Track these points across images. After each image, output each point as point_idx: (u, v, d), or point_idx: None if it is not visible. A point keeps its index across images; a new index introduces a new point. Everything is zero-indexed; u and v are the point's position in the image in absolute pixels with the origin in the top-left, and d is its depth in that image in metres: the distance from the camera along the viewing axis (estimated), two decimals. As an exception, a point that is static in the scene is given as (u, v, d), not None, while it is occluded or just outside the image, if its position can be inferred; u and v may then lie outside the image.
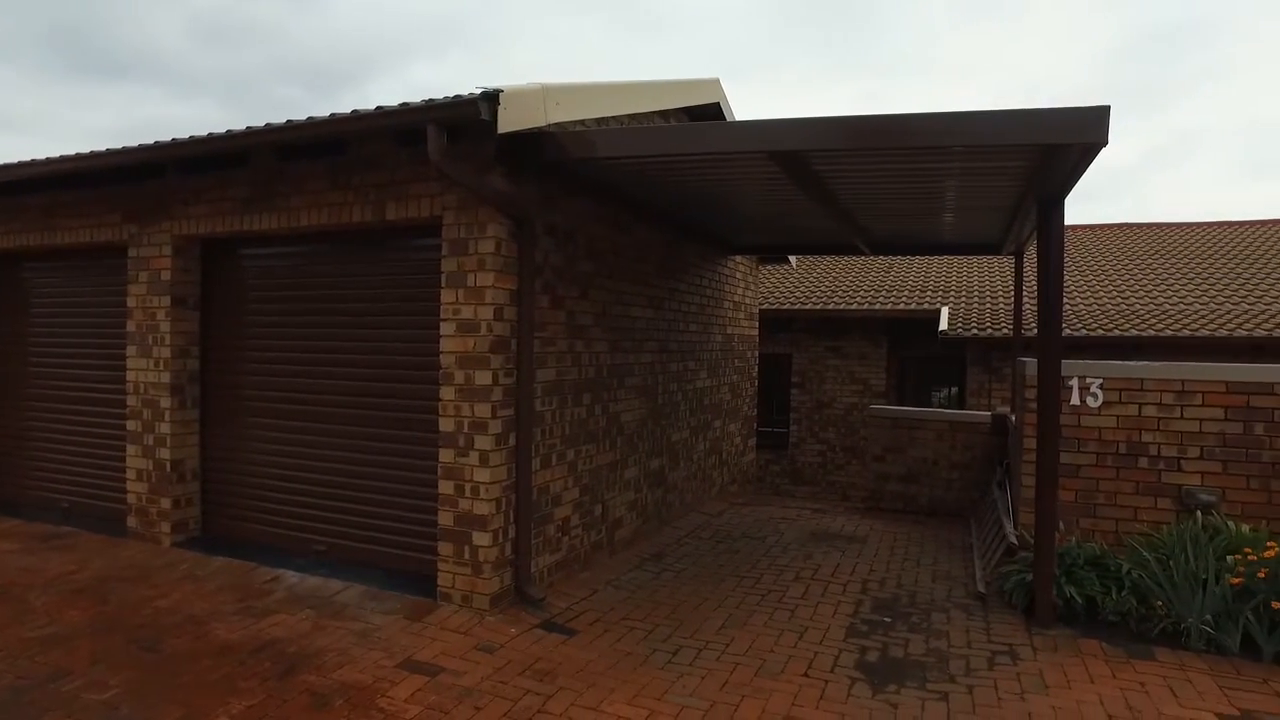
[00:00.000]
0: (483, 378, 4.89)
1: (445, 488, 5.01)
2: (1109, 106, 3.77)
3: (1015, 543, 5.70)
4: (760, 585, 5.84)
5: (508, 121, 4.49)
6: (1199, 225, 17.28)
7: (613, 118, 5.93)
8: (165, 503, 6.20)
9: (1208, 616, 4.59)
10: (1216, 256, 15.03)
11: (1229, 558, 4.76)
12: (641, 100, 6.17)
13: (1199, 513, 5.26)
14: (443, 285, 5.00)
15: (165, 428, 6.19)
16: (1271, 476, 5.27)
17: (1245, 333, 10.85)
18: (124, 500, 6.44)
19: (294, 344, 5.98)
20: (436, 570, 5.06)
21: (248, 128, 5.07)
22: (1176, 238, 16.59)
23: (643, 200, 6.51)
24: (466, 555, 4.94)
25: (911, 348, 13.35)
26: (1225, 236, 16.26)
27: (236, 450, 6.27)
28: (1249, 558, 4.68)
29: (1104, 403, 5.68)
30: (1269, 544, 4.71)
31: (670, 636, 4.78)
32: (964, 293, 13.72)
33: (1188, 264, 14.76)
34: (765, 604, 5.42)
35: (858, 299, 13.53)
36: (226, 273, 6.32)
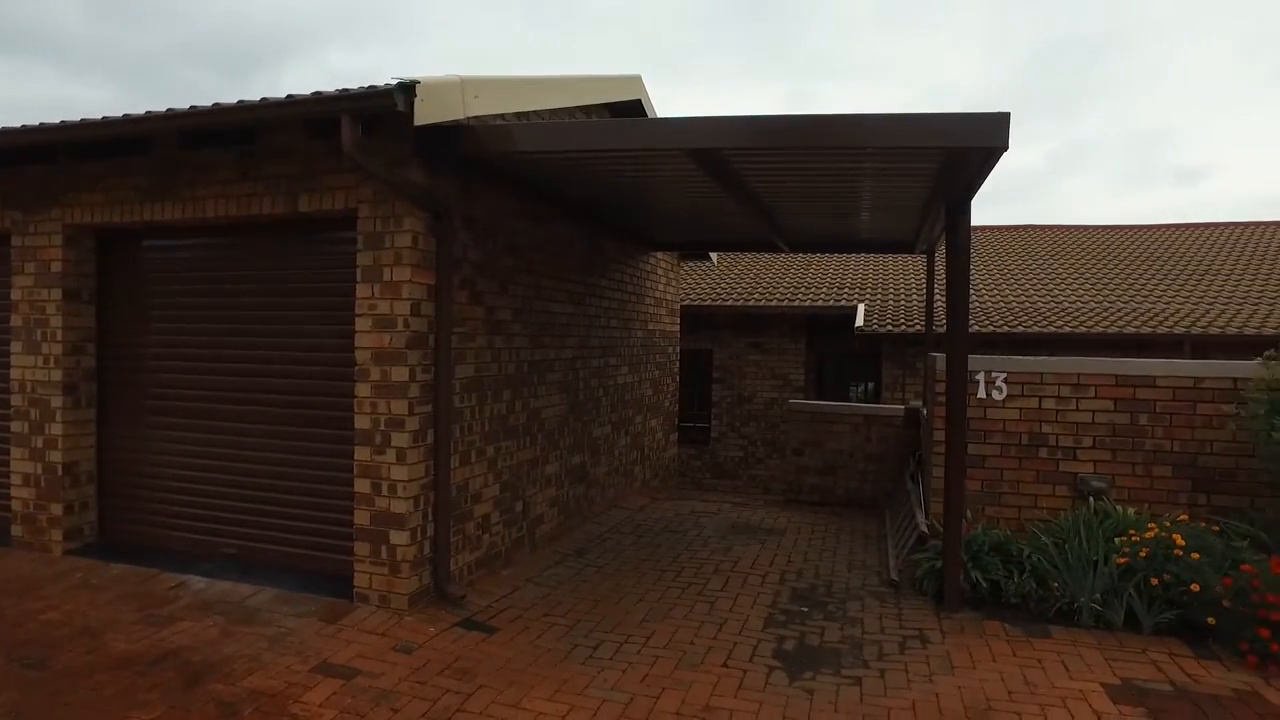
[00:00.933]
0: (399, 374, 4.80)
1: (361, 486, 4.90)
2: (1009, 113, 3.95)
3: (926, 531, 5.93)
4: (681, 578, 5.91)
5: (425, 114, 4.41)
6: (1094, 228, 18.27)
7: (533, 112, 5.89)
8: (56, 508, 5.86)
9: (1097, 595, 4.87)
10: (1108, 258, 15.92)
11: (1116, 540, 5.06)
12: (563, 95, 6.15)
13: (1091, 498, 5.57)
14: (358, 280, 4.88)
15: (56, 429, 5.86)
16: (1153, 463, 5.62)
17: (1133, 330, 11.55)
18: (8, 507, 6.06)
19: (202, 339, 5.74)
20: (353, 571, 4.94)
21: (148, 112, 4.84)
22: (1074, 240, 17.50)
23: (564, 196, 6.49)
24: (384, 554, 4.84)
25: (830, 344, 13.71)
26: (1116, 240, 17.24)
27: (139, 451, 5.98)
28: (1133, 539, 4.98)
29: (1008, 396, 5.95)
30: (1150, 525, 5.03)
31: (592, 631, 4.79)
32: (880, 290, 14.16)
33: (1084, 264, 15.59)
34: (686, 597, 5.49)
35: (777, 296, 13.81)
36: (127, 265, 6.02)
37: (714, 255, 11.65)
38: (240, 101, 4.57)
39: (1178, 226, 17.84)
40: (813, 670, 4.32)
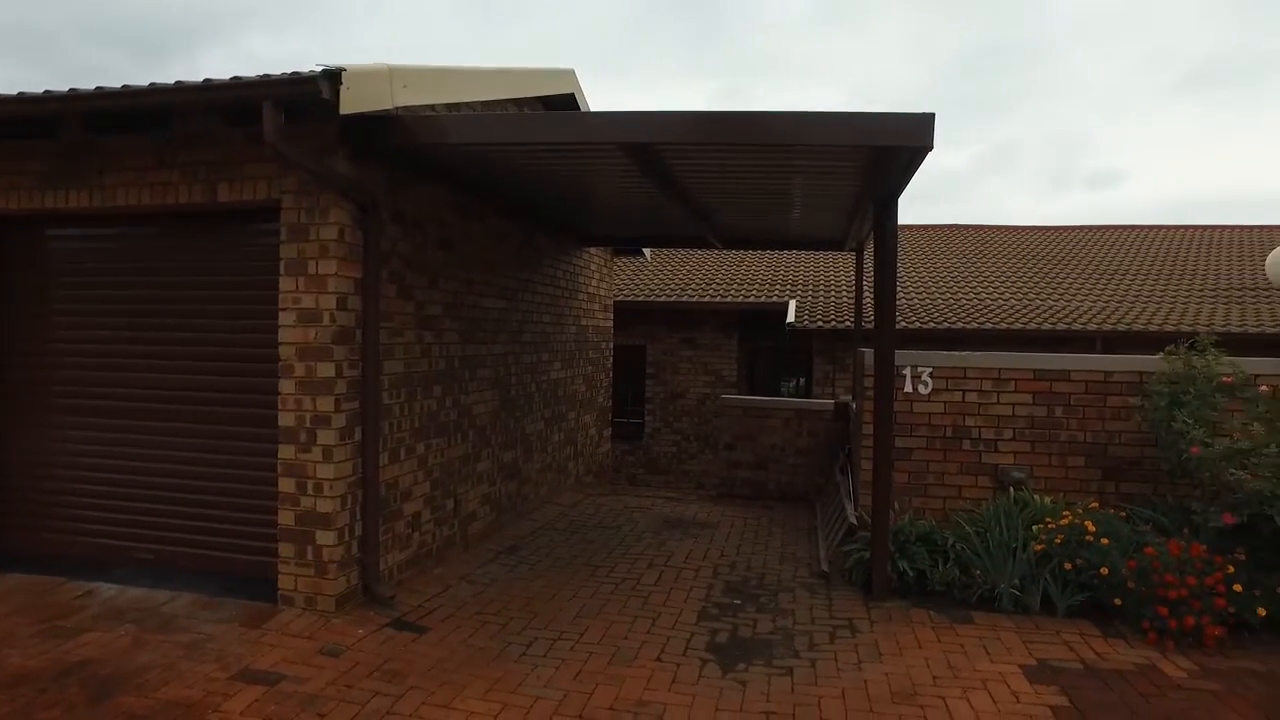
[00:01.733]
0: (325, 370, 4.66)
1: (286, 485, 4.75)
2: (934, 114, 4.06)
3: (855, 523, 6.06)
4: (615, 574, 5.91)
5: (352, 102, 4.29)
6: (1015, 229, 18.97)
7: (464, 104, 5.79)
8: (-46, 513, 5.52)
9: (1016, 581, 5.06)
10: (1028, 258, 16.55)
11: (1034, 527, 5.26)
12: (495, 88, 6.07)
13: (1011, 488, 5.78)
14: (282, 273, 4.72)
15: (-47, 429, 5.51)
16: (1068, 453, 5.86)
17: (1050, 326, 12.04)
18: (-98, 512, 5.67)
19: (114, 335, 5.46)
20: (277, 573, 4.79)
21: (48, 92, 4.58)
22: (997, 239, 18.13)
23: (495, 189, 6.41)
24: (309, 555, 4.70)
25: (762, 339, 13.90)
26: (1035, 240, 17.93)
27: (43, 454, 5.65)
28: (1049, 526, 5.19)
29: (933, 390, 6.13)
30: (1065, 513, 5.25)
31: (525, 629, 4.75)
32: (811, 287, 14.41)
33: (1005, 264, 16.17)
34: (619, 592, 5.49)
35: (710, 292, 13.93)
36: (29, 256, 5.68)
37: (647, 251, 11.69)
38: (153, 84, 4.37)
39: (1091, 228, 18.67)
40: (745, 662, 4.36)
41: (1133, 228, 18.61)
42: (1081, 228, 18.72)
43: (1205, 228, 18.41)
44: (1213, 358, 5.38)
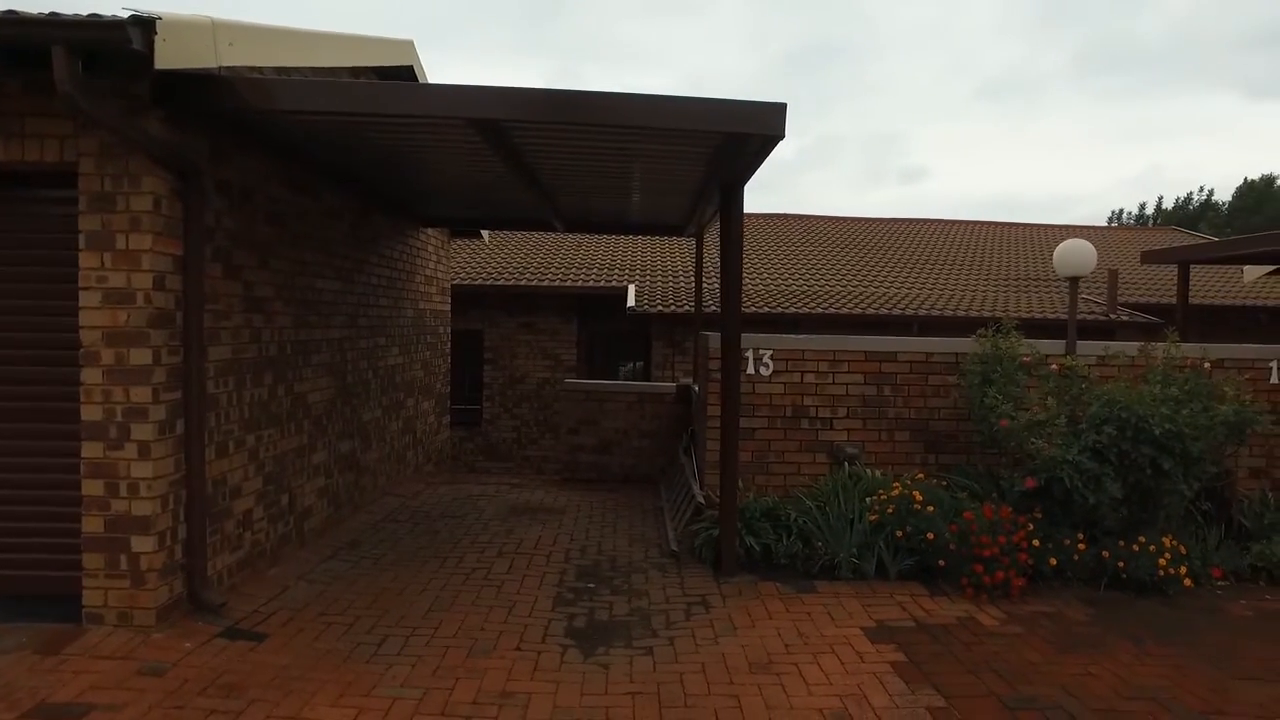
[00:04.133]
0: (140, 356, 4.17)
1: (92, 488, 4.21)
2: (786, 104, 4.21)
3: (703, 502, 6.22)
4: (464, 564, 5.74)
5: (169, 57, 3.84)
6: (839, 219, 20.19)
7: (295, 69, 5.35)
8: None
9: (854, 550, 5.39)
10: (852, 246, 17.67)
11: (868, 499, 5.63)
12: (329, 54, 5.65)
13: (846, 464, 6.14)
14: (82, 247, 4.16)
15: None
16: (895, 429, 6.32)
17: (874, 311, 12.94)
18: None
19: None
20: (82, 588, 4.25)
21: None
22: (823, 229, 19.21)
23: (331, 163, 5.99)
24: (124, 564, 4.21)
25: (600, 324, 13.97)
26: (858, 230, 19.17)
27: None
28: (881, 498, 5.57)
29: (774, 371, 6.39)
30: (894, 485, 5.65)
31: (374, 627, 4.51)
32: (650, 272, 14.63)
33: (831, 252, 17.17)
34: (471, 583, 5.34)
35: (549, 276, 13.82)
36: None
37: (486, 233, 11.41)
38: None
39: (905, 221, 20.21)
40: (605, 645, 4.37)
41: (940, 221, 20.34)
42: (897, 220, 20.24)
43: (1000, 224, 20.52)
44: (1015, 340, 5.96)
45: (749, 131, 4.33)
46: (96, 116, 3.86)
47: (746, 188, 5.45)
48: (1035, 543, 5.17)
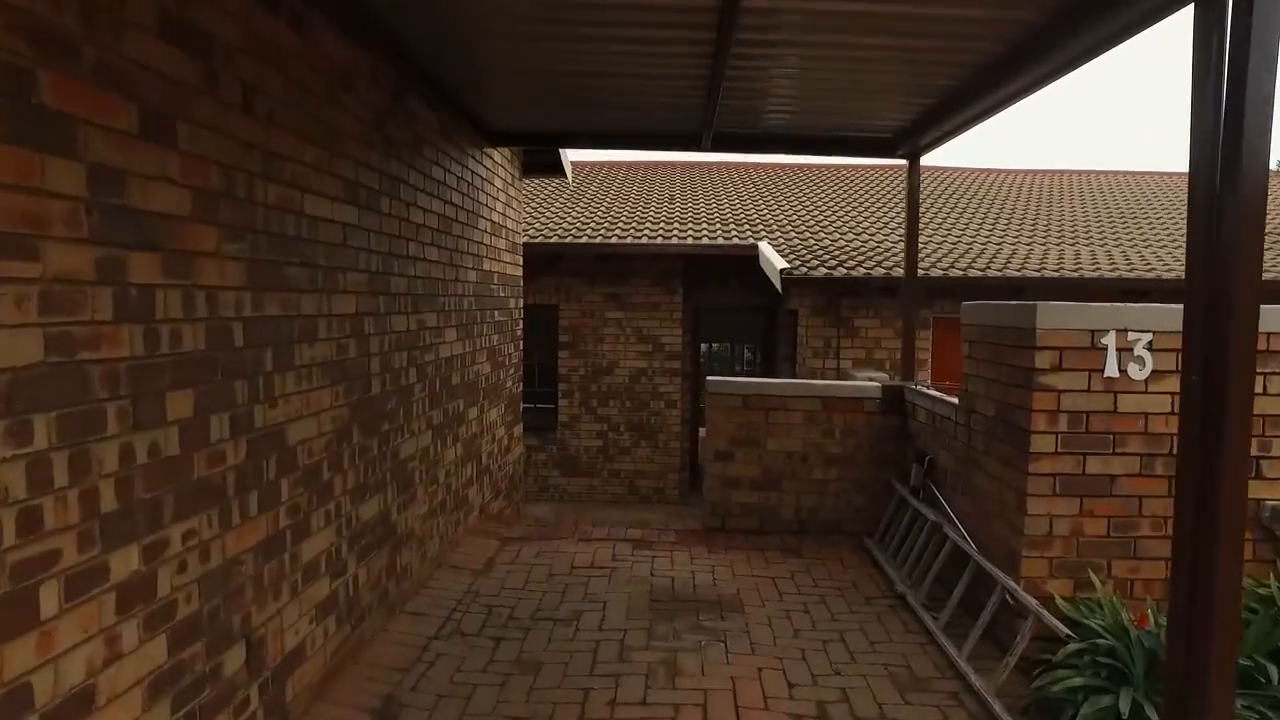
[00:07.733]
0: None
1: None
2: None
3: (1068, 633, 3.07)
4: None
5: None
6: (1010, 171, 16.57)
7: None
8: None
9: None
10: (1041, 201, 14.13)
11: None
12: None
13: None
14: None
15: None
16: None
17: (1130, 275, 9.39)
18: None
19: None
20: None
21: None
22: (994, 182, 15.61)
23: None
24: None
25: (710, 296, 10.77)
26: (1038, 183, 15.58)
27: None
28: None
29: (1152, 372, 3.31)
30: None
31: None
32: (777, 226, 11.22)
33: (1019, 208, 13.64)
34: None
35: (645, 232, 10.58)
36: None
37: (569, 169, 8.25)
38: None
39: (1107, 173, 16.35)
40: None
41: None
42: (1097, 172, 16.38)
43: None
44: None
45: None
46: None
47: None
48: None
